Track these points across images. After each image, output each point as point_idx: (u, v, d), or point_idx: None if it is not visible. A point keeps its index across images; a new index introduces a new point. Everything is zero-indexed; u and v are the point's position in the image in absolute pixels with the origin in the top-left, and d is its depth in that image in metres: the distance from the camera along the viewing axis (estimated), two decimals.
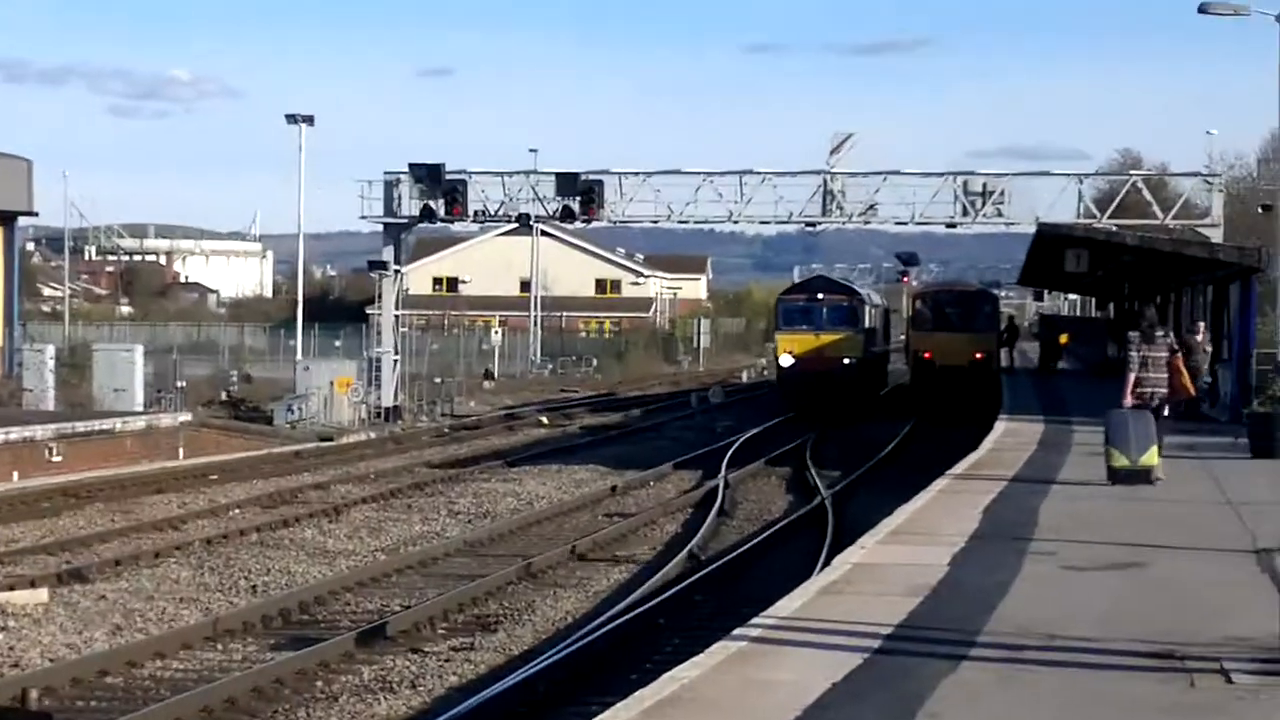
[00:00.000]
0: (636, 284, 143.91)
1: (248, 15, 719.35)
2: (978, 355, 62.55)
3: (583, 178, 59.53)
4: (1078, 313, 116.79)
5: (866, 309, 66.74)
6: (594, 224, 65.61)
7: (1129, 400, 28.16)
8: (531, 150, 68.32)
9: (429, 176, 59.44)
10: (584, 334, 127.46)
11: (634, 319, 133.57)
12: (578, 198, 59.19)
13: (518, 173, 62.38)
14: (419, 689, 19.49)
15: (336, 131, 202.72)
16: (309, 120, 70.71)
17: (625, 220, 63.78)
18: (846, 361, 63.23)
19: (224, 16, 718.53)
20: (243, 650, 21.90)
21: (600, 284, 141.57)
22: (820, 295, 64.85)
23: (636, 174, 62.21)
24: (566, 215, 60.36)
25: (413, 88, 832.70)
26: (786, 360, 63.94)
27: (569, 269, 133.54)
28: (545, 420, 63.70)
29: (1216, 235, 58.76)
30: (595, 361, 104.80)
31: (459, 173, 60.68)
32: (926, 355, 63.32)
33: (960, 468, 31.77)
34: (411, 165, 59.95)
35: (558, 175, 60.17)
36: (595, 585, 27.04)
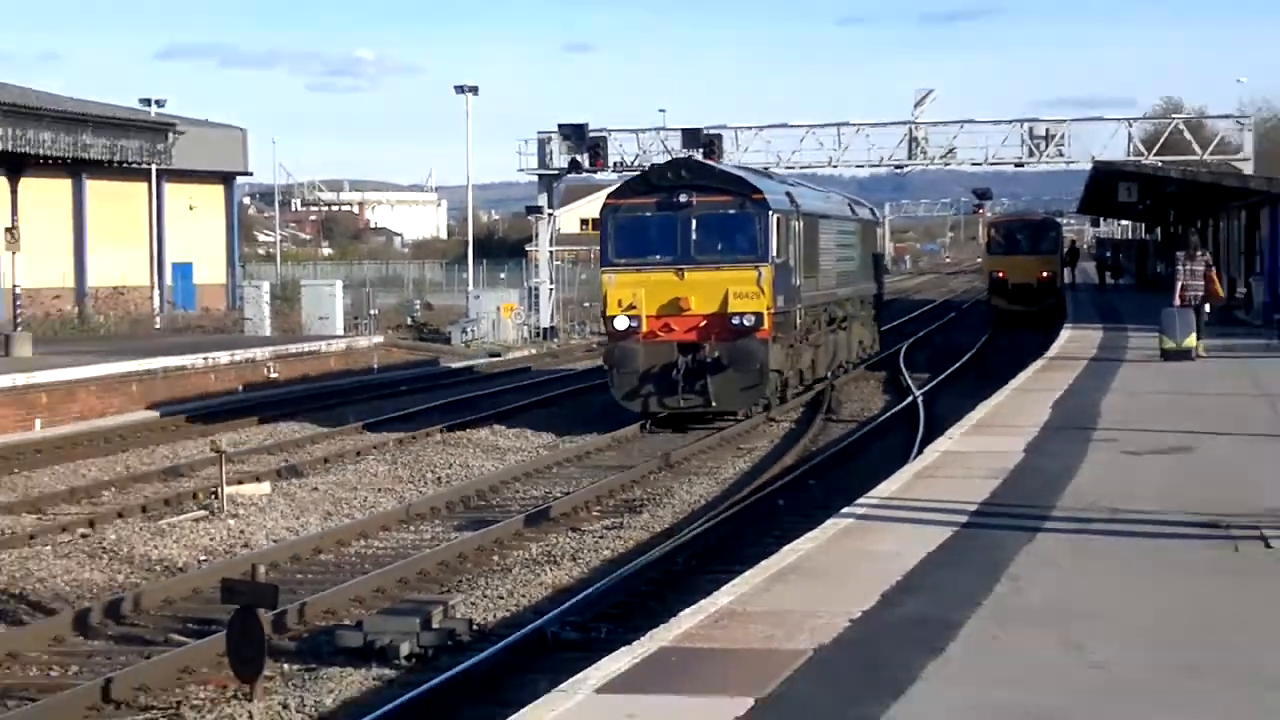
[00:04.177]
0: None
1: (422, 10, 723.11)
2: (1044, 274, 61.86)
3: (704, 132, 59.15)
4: (1129, 236, 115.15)
5: (774, 220, 31.15)
6: None
7: (1178, 301, 31.96)
8: (660, 110, 68.63)
9: (575, 134, 59.48)
10: None
11: None
12: (701, 149, 58.68)
13: (649, 129, 62.30)
14: (578, 561, 19.58)
15: (498, 97, 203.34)
16: (474, 90, 70.73)
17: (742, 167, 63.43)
18: (739, 323, 30.46)
19: (402, 4, 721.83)
20: (431, 531, 22.10)
21: None
22: (683, 197, 30.68)
23: (749, 128, 62.04)
24: None
25: (559, 60, 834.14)
26: (621, 323, 30.78)
27: None
28: None
29: (1248, 168, 58.02)
30: None
31: (600, 131, 60.62)
32: (1000, 274, 62.57)
33: (1032, 369, 31.52)
34: (560, 125, 60.06)
35: (683, 131, 59.82)
36: (723, 473, 27.04)
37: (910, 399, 35.72)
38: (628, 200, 31.60)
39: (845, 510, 15.54)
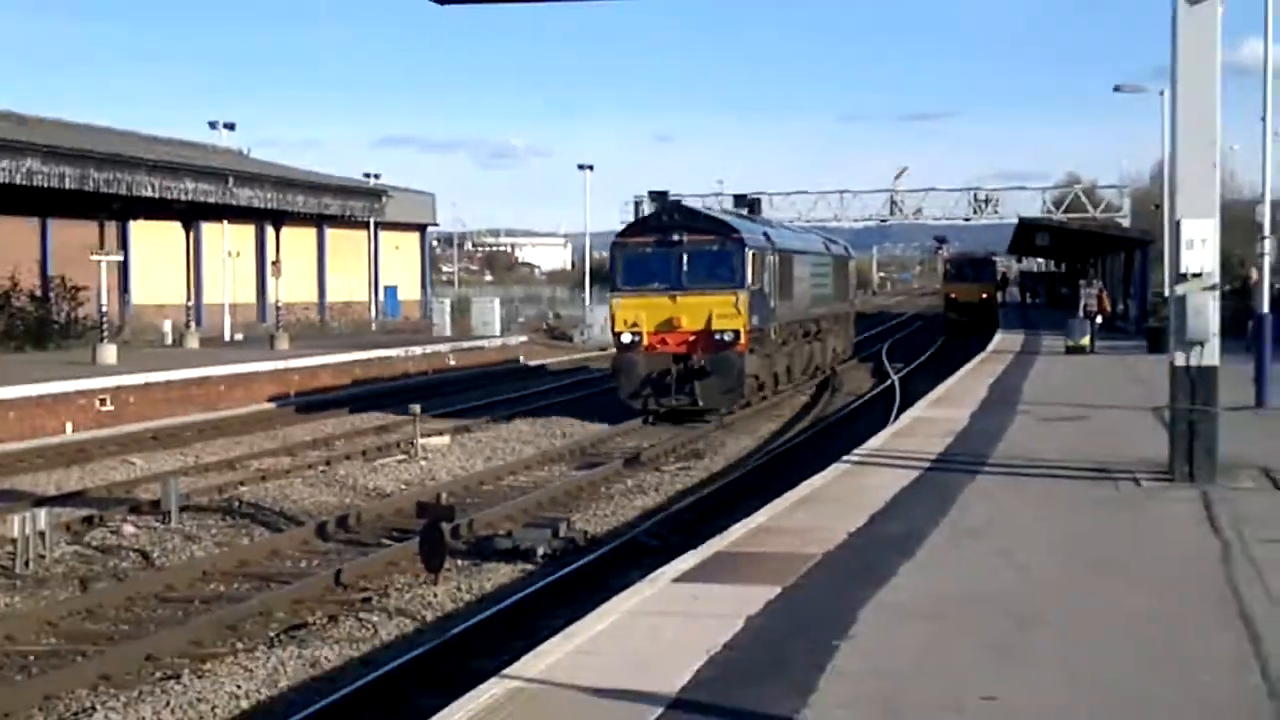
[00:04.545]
0: None
1: (556, 112, 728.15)
2: (984, 295, 61.01)
3: (748, 196, 58.86)
4: (1043, 269, 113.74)
5: (749, 256, 27.18)
6: None
7: (1080, 314, 33.99)
8: (719, 180, 68.15)
9: (660, 199, 59.14)
10: None
11: None
12: (746, 208, 58.49)
13: (710, 194, 62.20)
14: (660, 491, 19.57)
15: (607, 171, 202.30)
16: (591, 168, 70.51)
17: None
18: (720, 338, 26.85)
19: (544, 111, 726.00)
20: (560, 470, 22.10)
21: None
22: (677, 236, 27.29)
23: (780, 193, 62.01)
24: None
25: (651, 145, 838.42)
26: (627, 338, 27.42)
27: None
28: None
29: (1127, 223, 57.43)
30: None
31: (677, 195, 60.46)
32: (953, 295, 61.75)
33: (975, 361, 31.22)
34: (650, 192, 59.47)
35: (735, 196, 59.56)
36: (760, 431, 26.90)
37: (890, 381, 35.47)
38: (632, 239, 28.20)
39: (845, 458, 15.47)
